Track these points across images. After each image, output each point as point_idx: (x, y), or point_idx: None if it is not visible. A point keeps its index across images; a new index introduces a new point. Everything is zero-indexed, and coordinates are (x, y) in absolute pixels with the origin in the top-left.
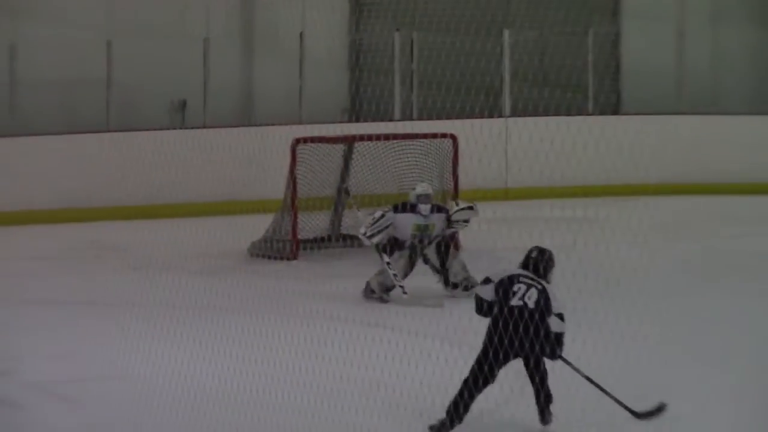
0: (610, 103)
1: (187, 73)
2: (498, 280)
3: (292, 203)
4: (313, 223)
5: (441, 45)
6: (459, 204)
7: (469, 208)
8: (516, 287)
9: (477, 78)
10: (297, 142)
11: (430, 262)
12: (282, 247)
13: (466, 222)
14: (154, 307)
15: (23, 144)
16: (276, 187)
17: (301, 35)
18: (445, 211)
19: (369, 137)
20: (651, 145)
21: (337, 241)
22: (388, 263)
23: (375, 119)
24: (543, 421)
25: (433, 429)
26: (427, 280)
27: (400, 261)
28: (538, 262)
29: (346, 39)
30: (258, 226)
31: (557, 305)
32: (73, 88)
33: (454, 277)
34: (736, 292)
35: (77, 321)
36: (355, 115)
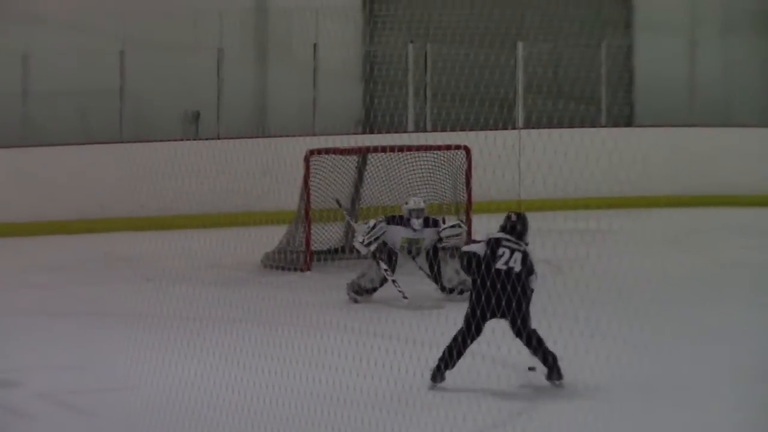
0: (623, 115)
1: (200, 84)
2: (487, 239)
3: (306, 215)
4: (326, 234)
5: (455, 57)
6: (446, 221)
7: (456, 226)
8: (501, 251)
9: (491, 90)
10: (311, 153)
11: (423, 270)
12: (295, 258)
13: (457, 237)
14: (167, 318)
15: (36, 154)
16: (289, 199)
17: (315, 46)
18: (437, 225)
19: (382, 149)
20: (663, 157)
21: (351, 252)
22: (386, 270)
23: (388, 131)
24: (553, 378)
25: (433, 377)
26: (426, 285)
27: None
28: (516, 225)
29: (360, 50)
30: (271, 237)
31: (534, 266)
32: (86, 98)
33: (448, 283)
34: (747, 303)
35: (90, 332)
36: (368, 126)
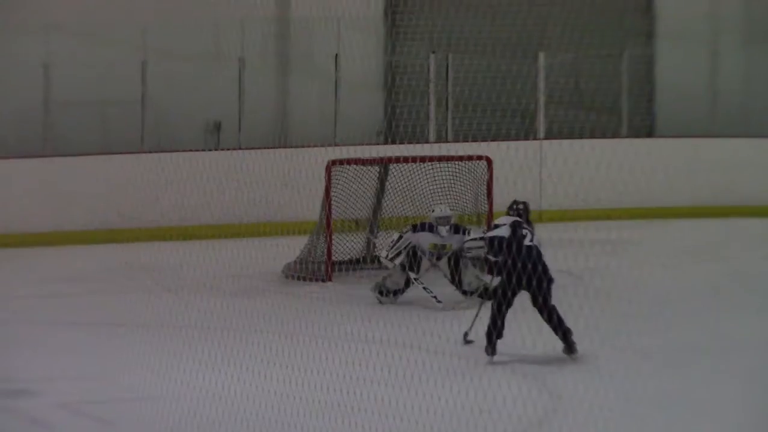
0: (645, 126)
1: (222, 94)
2: (510, 222)
3: (327, 225)
4: (348, 244)
5: (476, 67)
6: (471, 233)
7: (479, 239)
8: (523, 231)
9: (512, 100)
10: (332, 163)
11: (444, 273)
12: (317, 268)
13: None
14: (188, 328)
15: (57, 164)
16: (311, 209)
17: (336, 57)
18: (463, 232)
19: (404, 159)
20: (684, 167)
21: (372, 262)
22: (416, 279)
23: (410, 141)
24: (570, 350)
25: (487, 351)
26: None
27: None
28: (522, 212)
29: (381, 61)
30: (292, 247)
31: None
32: (108, 108)
33: (468, 287)
34: None
35: (110, 341)
36: (390, 137)
